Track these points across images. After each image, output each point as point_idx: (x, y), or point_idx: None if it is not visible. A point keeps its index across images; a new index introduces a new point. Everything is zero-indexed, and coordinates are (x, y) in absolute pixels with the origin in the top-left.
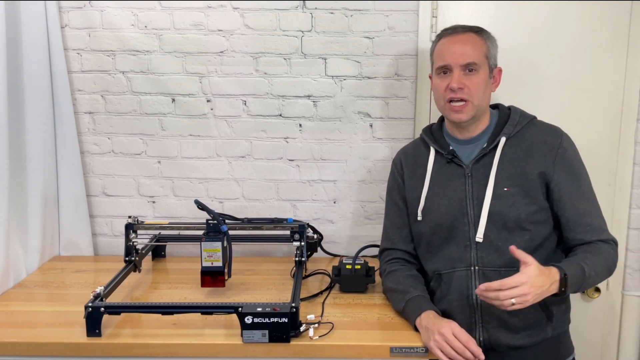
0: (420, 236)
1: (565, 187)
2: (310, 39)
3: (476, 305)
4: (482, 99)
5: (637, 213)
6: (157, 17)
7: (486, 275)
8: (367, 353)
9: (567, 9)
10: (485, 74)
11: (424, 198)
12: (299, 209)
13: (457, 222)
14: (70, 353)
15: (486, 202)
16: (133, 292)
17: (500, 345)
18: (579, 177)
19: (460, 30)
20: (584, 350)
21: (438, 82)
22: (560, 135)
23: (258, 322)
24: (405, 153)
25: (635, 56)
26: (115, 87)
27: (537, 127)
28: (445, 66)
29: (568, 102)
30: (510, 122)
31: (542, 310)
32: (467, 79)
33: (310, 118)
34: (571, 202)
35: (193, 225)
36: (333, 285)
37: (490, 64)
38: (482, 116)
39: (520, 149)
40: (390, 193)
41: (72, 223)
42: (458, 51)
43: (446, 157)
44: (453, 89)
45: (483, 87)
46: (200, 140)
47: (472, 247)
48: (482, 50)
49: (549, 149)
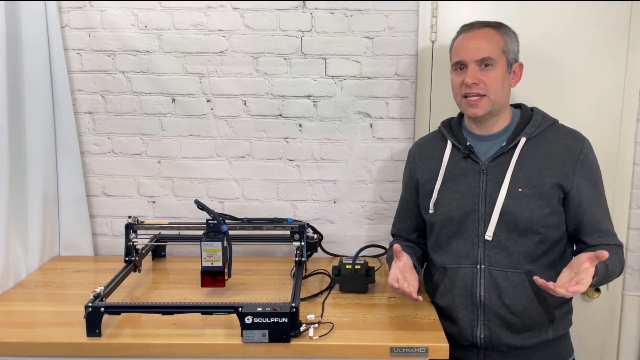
0: (431, 228)
1: (585, 194)
2: (310, 39)
3: (479, 302)
4: (500, 94)
5: (637, 213)
6: (157, 17)
7: (492, 275)
8: (367, 353)
9: (567, 9)
10: (502, 69)
11: (437, 191)
12: (299, 209)
13: (467, 218)
14: (70, 353)
15: (499, 201)
16: (133, 292)
17: (500, 344)
18: (597, 184)
19: (478, 26)
20: (584, 351)
21: (454, 77)
22: (582, 141)
23: (258, 322)
24: (421, 146)
25: (635, 56)
26: (115, 87)
27: (559, 131)
28: (460, 62)
29: (568, 102)
30: (532, 123)
31: (544, 312)
32: (482, 74)
33: (310, 118)
34: (590, 208)
35: (193, 225)
36: (333, 285)
37: (508, 58)
38: (502, 112)
39: (540, 152)
40: (403, 182)
41: (72, 223)
42: (473, 47)
43: (463, 152)
44: (468, 84)
45: (500, 82)
46: (200, 140)
47: (480, 244)
48: (499, 45)
49: (570, 155)
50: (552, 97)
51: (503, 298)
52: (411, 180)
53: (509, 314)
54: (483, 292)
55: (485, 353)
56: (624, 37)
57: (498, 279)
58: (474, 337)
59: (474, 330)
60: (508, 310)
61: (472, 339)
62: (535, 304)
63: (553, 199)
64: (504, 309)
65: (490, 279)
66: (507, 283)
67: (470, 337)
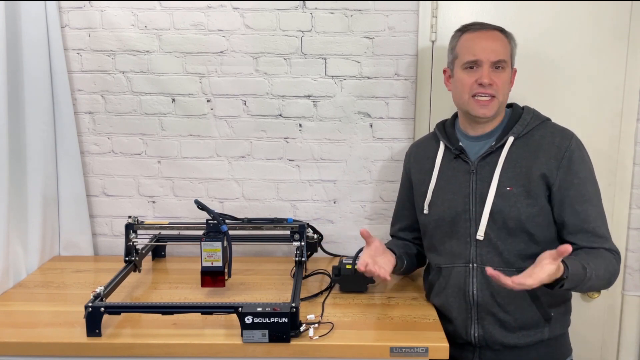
0: (425, 229)
1: (568, 191)
2: (310, 39)
3: (472, 301)
4: (505, 97)
5: (637, 213)
6: (157, 17)
7: (484, 273)
8: (367, 353)
9: (567, 9)
10: (509, 73)
11: (431, 192)
12: (299, 209)
13: (459, 218)
14: (70, 353)
15: (489, 200)
16: (133, 292)
17: (495, 342)
18: (584, 182)
19: (488, 27)
20: (584, 351)
21: (464, 76)
22: (570, 138)
23: (258, 322)
24: (417, 146)
25: (635, 56)
26: (115, 87)
27: (547, 129)
28: (475, 61)
29: (568, 102)
30: (521, 122)
31: (539, 311)
32: (495, 76)
33: (311, 118)
34: (573, 206)
35: (193, 225)
36: (333, 285)
37: (512, 63)
38: (499, 114)
39: (528, 150)
40: (401, 183)
41: (72, 223)
42: (489, 47)
43: (454, 152)
44: (484, 84)
45: (508, 85)
46: (200, 140)
47: (472, 244)
48: (508, 49)
49: (555, 151)
50: (552, 96)
51: (496, 296)
52: (407, 181)
53: (502, 312)
54: (476, 291)
55: (480, 351)
56: (623, 37)
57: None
58: (468, 335)
59: (468, 329)
60: (501, 308)
61: (466, 338)
62: (529, 302)
63: (540, 197)
64: (497, 307)
65: (482, 278)
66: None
67: (464, 335)
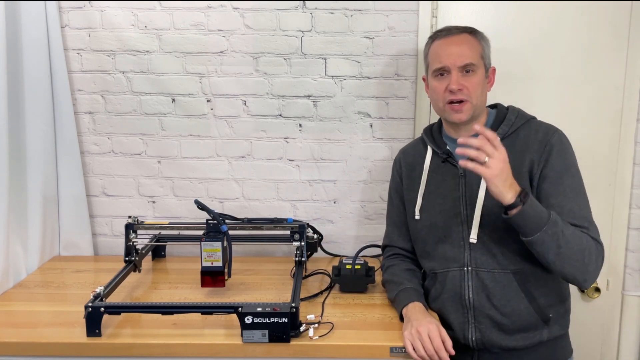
0: (417, 235)
1: (542, 184)
2: (310, 39)
3: (469, 305)
4: (480, 99)
5: (637, 213)
6: (157, 17)
7: (479, 276)
8: (367, 353)
9: (567, 9)
10: (482, 74)
11: (421, 197)
12: (299, 209)
13: (451, 222)
14: (70, 353)
15: (479, 203)
16: (133, 292)
17: (493, 345)
18: (560, 175)
19: (455, 32)
20: (584, 351)
21: (436, 84)
22: (552, 133)
23: (258, 322)
24: (405, 152)
25: (635, 56)
26: (115, 87)
27: (532, 127)
28: (442, 68)
29: (568, 102)
30: (506, 122)
31: (536, 313)
32: (465, 80)
33: (310, 118)
34: (547, 199)
35: (193, 225)
36: (333, 285)
37: (485, 63)
38: (480, 116)
39: (514, 149)
40: (391, 191)
41: (72, 223)
42: (455, 52)
43: (441, 157)
44: (453, 90)
45: (481, 87)
46: (200, 140)
47: (466, 247)
48: (478, 51)
49: (537, 147)
50: (552, 96)
51: (492, 299)
52: (399, 186)
53: (498, 315)
54: (472, 294)
55: (479, 355)
56: (623, 37)
57: (485, 280)
58: (466, 339)
59: (465, 333)
60: (498, 311)
61: (464, 341)
62: (526, 304)
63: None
64: (494, 310)
65: (477, 281)
66: (494, 284)
67: (462, 339)
